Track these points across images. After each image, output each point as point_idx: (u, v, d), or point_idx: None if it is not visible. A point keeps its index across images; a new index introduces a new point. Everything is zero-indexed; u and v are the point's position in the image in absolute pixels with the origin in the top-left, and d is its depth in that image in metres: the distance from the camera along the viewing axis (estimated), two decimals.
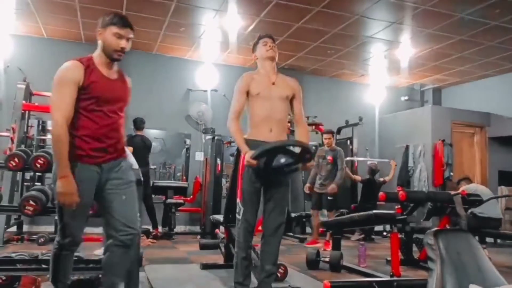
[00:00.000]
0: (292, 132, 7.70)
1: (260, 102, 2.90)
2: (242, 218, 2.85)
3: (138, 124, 6.46)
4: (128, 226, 2.26)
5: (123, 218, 2.26)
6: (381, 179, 7.55)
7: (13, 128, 5.67)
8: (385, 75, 9.22)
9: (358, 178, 7.63)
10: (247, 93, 2.92)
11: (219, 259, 4.45)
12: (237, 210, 2.90)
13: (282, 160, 2.71)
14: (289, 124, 7.47)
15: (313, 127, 8.10)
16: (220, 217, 4.41)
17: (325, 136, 6.54)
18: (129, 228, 2.26)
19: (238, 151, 3.05)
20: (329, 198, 6.15)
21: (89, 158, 2.21)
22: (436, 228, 2.25)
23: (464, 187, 5.33)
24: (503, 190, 7.99)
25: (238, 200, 2.90)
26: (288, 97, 3.00)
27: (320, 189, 6.23)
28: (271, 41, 3.05)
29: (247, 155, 2.68)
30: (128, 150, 2.63)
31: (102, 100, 2.23)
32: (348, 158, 7.78)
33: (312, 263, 4.50)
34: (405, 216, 3.81)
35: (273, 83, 2.97)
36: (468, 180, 6.09)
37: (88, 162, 2.22)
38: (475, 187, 5.54)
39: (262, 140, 2.84)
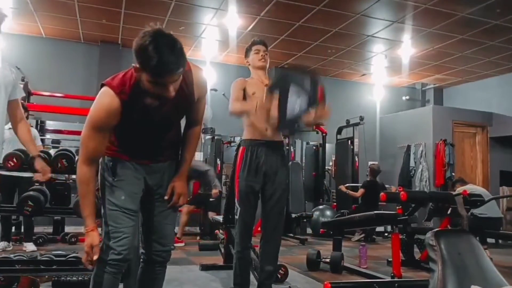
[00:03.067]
0: None
1: (255, 102, 2.88)
2: (239, 218, 2.84)
3: None
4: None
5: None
6: (383, 183, 7.41)
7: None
8: (386, 74, 9.19)
9: (357, 194, 7.22)
10: (244, 92, 2.90)
11: (219, 260, 4.42)
12: (235, 210, 2.88)
13: (297, 102, 2.51)
14: None
15: (314, 127, 8.07)
16: (219, 218, 4.39)
17: None
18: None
19: (237, 151, 3.03)
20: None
21: None
22: (437, 229, 2.23)
23: (461, 188, 5.29)
24: (505, 190, 7.96)
25: (236, 200, 2.88)
26: None
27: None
28: (264, 49, 3.01)
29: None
30: None
31: None
32: (347, 185, 7.55)
33: (313, 264, 4.46)
34: (406, 217, 3.78)
35: (266, 85, 2.96)
36: (463, 181, 6.07)
37: None
38: (473, 188, 5.51)
39: (258, 138, 2.82)
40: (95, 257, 1.80)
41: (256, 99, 2.88)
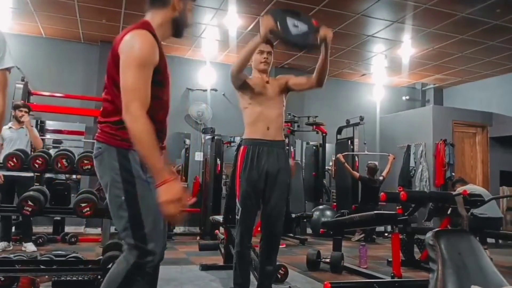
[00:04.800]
0: (292, 132, 7.69)
1: (255, 98, 2.87)
2: (240, 219, 2.84)
3: None
4: None
5: None
6: (380, 177, 7.48)
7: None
8: (386, 74, 9.19)
9: (356, 174, 7.50)
10: (244, 84, 2.89)
11: (219, 260, 4.43)
12: (236, 210, 2.88)
13: (298, 28, 2.54)
14: (289, 124, 7.50)
15: (314, 127, 8.08)
16: (219, 218, 4.39)
17: None
18: None
19: (237, 151, 3.03)
20: None
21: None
22: (437, 229, 2.23)
23: (461, 188, 5.29)
24: (505, 190, 7.97)
25: (237, 200, 2.88)
26: (282, 91, 2.97)
27: None
28: (269, 49, 2.98)
29: (262, 20, 2.56)
30: None
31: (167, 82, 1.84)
32: (346, 153, 7.74)
33: (313, 264, 4.47)
34: (406, 217, 3.78)
35: (267, 82, 2.96)
36: (463, 181, 6.07)
37: None
38: (474, 188, 5.51)
39: (260, 138, 2.83)
40: (192, 201, 1.68)
41: (255, 96, 2.88)
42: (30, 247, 4.94)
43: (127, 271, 1.65)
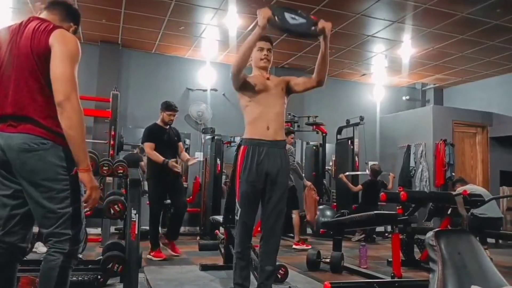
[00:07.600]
0: (291, 131, 7.70)
1: (256, 96, 2.86)
2: (240, 219, 2.83)
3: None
4: None
5: None
6: (385, 182, 7.44)
7: None
8: (386, 74, 9.19)
9: (358, 188, 7.41)
10: (244, 84, 2.88)
11: (219, 260, 4.42)
12: (235, 211, 2.88)
13: (295, 20, 2.71)
14: (289, 124, 7.50)
15: (314, 127, 8.08)
16: (219, 218, 4.39)
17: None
18: None
19: (237, 151, 3.02)
20: None
21: None
22: (437, 229, 2.23)
23: (461, 188, 5.30)
24: (505, 190, 7.96)
25: (236, 200, 2.88)
26: (283, 89, 2.97)
27: None
28: (268, 46, 2.98)
29: (260, 11, 2.69)
30: None
31: None
32: (347, 173, 7.66)
33: (313, 264, 4.47)
34: (406, 217, 3.79)
35: (268, 78, 2.96)
36: (463, 181, 6.07)
37: None
38: (474, 188, 5.52)
39: (259, 138, 2.81)
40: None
41: (256, 93, 2.87)
42: (42, 248, 4.92)
43: (62, 261, 1.80)
